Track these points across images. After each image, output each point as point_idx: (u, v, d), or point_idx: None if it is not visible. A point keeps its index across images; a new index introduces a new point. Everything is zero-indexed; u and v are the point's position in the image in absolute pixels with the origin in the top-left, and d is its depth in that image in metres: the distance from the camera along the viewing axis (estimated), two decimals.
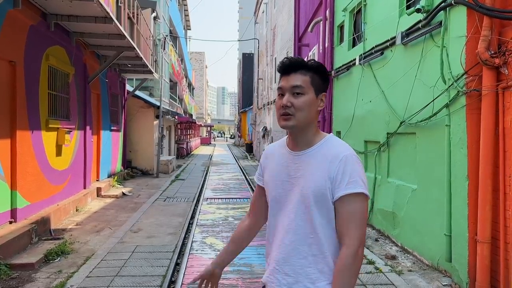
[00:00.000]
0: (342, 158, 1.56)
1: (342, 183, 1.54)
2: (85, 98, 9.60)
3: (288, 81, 1.61)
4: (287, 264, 1.63)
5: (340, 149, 1.60)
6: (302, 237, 1.61)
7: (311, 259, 1.59)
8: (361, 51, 7.44)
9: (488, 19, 4.07)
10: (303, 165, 1.63)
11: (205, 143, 52.48)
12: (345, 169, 1.54)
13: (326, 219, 1.59)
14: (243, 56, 51.88)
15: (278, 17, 20.62)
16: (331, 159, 1.57)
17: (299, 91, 1.60)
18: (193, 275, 4.87)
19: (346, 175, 1.54)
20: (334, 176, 1.55)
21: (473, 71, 4.29)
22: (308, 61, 1.65)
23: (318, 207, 1.58)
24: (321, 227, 1.58)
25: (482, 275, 4.08)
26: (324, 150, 1.62)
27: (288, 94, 1.61)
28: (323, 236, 1.59)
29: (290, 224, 1.64)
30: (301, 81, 1.60)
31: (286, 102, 1.59)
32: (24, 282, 4.67)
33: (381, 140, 6.71)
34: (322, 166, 1.58)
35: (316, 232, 1.59)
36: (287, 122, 1.61)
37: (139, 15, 11.07)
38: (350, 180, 1.53)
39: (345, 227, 1.54)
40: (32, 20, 6.72)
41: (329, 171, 1.56)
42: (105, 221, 7.72)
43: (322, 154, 1.61)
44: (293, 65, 1.62)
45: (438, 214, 4.92)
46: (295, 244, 1.62)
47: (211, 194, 11.13)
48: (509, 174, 3.89)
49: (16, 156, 6.11)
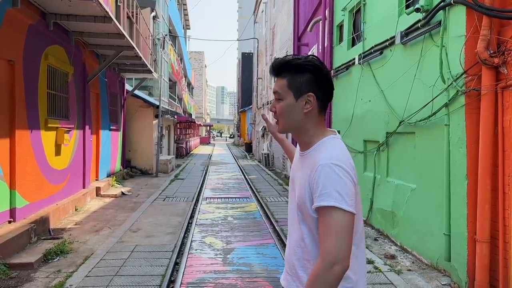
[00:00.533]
0: (318, 168, 1.44)
1: (316, 193, 1.43)
2: (84, 97, 9.59)
3: (275, 85, 1.61)
4: (289, 262, 1.65)
5: (322, 156, 1.47)
6: (297, 239, 1.59)
7: (303, 263, 1.57)
8: (361, 51, 7.44)
9: (487, 18, 4.07)
10: (301, 167, 1.61)
11: (205, 143, 52.49)
12: (319, 179, 1.42)
13: (308, 227, 1.52)
14: (242, 55, 51.85)
15: (277, 17, 20.61)
16: (312, 166, 1.48)
17: (277, 97, 1.58)
18: (193, 274, 4.88)
19: (319, 186, 1.42)
20: (311, 185, 1.46)
21: (472, 70, 4.29)
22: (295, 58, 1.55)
23: (301, 213, 1.55)
24: (308, 234, 1.54)
25: (481, 274, 4.09)
26: (314, 155, 1.54)
27: (274, 99, 1.62)
28: (309, 242, 1.53)
29: (290, 227, 1.67)
30: (278, 87, 1.57)
31: (271, 108, 1.62)
32: (23, 282, 4.66)
33: (381, 139, 6.71)
34: (307, 171, 1.51)
35: (303, 238, 1.55)
36: (278, 127, 1.64)
37: (138, 15, 11.06)
38: (322, 191, 1.40)
39: (320, 239, 1.42)
40: (31, 19, 6.71)
41: (310, 178, 1.47)
42: (104, 221, 7.72)
43: (311, 160, 1.53)
44: (275, 69, 1.59)
45: (437, 214, 4.92)
46: (293, 245, 1.62)
47: (210, 194, 11.12)
48: (508, 174, 3.89)
49: (15, 155, 6.10)
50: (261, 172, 16.84)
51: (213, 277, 4.80)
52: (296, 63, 1.54)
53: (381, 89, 6.61)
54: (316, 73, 1.54)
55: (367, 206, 7.22)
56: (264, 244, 6.20)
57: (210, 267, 5.16)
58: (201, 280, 4.71)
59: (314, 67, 1.53)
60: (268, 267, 5.16)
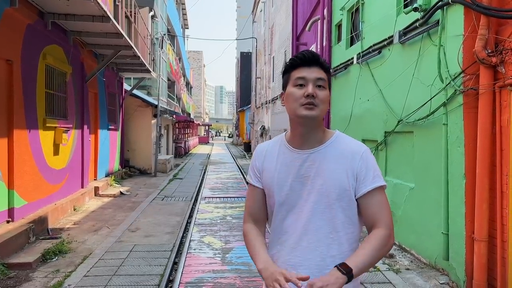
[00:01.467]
0: (363, 154, 1.59)
1: (367, 178, 1.56)
2: (82, 97, 9.58)
3: (312, 72, 1.58)
4: (304, 267, 1.56)
5: (357, 144, 1.63)
6: (322, 237, 1.56)
7: (329, 261, 1.54)
8: (359, 50, 7.44)
9: (485, 18, 4.07)
10: (318, 163, 1.59)
11: (203, 142, 52.46)
12: (368, 165, 1.58)
13: (348, 216, 1.58)
14: (241, 55, 51.83)
15: (276, 16, 20.61)
16: (352, 155, 1.58)
17: (322, 84, 1.58)
18: (191, 274, 4.88)
19: (370, 170, 1.57)
20: (358, 172, 1.57)
21: (470, 69, 4.30)
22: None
23: (341, 204, 1.57)
24: (343, 225, 1.57)
25: (479, 273, 4.10)
26: (340, 146, 1.62)
27: (311, 85, 1.57)
28: (344, 234, 1.57)
29: (307, 225, 1.58)
30: (324, 76, 1.60)
31: (313, 91, 1.55)
32: (22, 282, 4.66)
33: (379, 139, 6.71)
34: (342, 162, 1.58)
35: (337, 231, 1.57)
36: (311, 111, 1.55)
37: (137, 14, 11.04)
38: (375, 174, 1.58)
39: (379, 214, 1.55)
40: (29, 19, 6.70)
41: (352, 167, 1.57)
42: (102, 220, 7.71)
43: (339, 151, 1.60)
44: (315, 58, 1.61)
45: (435, 213, 4.93)
46: (314, 245, 1.57)
47: (209, 193, 11.12)
48: (506, 173, 3.90)
49: (14, 155, 6.09)
50: None
51: (211, 277, 4.81)
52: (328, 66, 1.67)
53: (379, 89, 6.62)
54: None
55: None
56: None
57: (208, 266, 5.17)
58: (199, 280, 4.71)
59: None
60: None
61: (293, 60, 1.63)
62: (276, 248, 1.67)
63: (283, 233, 1.64)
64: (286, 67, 1.65)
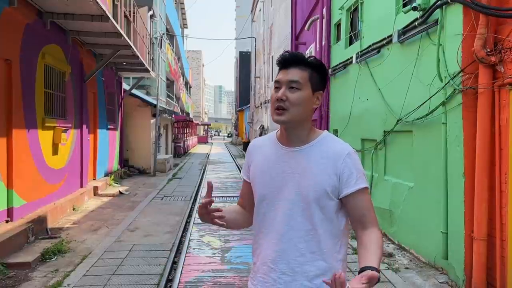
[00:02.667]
0: (347, 155, 1.59)
1: (350, 179, 1.57)
2: (81, 96, 9.57)
3: (286, 74, 1.58)
4: (283, 262, 1.59)
5: (342, 146, 1.62)
6: (302, 234, 1.58)
7: (309, 256, 1.58)
8: (358, 49, 7.44)
9: (484, 17, 4.07)
10: (300, 161, 1.60)
11: (202, 142, 52.42)
12: (351, 166, 1.58)
13: (326, 214, 1.59)
14: (240, 54, 51.86)
15: (275, 16, 20.61)
16: (335, 156, 1.58)
17: (295, 86, 1.57)
18: (191, 273, 4.88)
19: (354, 172, 1.58)
20: (341, 173, 1.57)
21: (469, 69, 4.30)
22: (309, 58, 1.63)
23: (320, 204, 1.57)
24: (321, 222, 1.58)
25: (478, 272, 4.10)
26: (323, 147, 1.61)
27: (284, 88, 1.57)
28: (323, 232, 1.58)
29: (286, 221, 1.60)
30: (299, 76, 1.57)
31: (281, 95, 1.56)
32: (21, 281, 4.66)
33: (378, 138, 6.72)
34: (324, 163, 1.58)
35: (315, 229, 1.58)
36: (280, 116, 1.57)
37: (136, 14, 11.03)
38: (358, 175, 1.58)
39: (365, 215, 1.58)
40: (28, 18, 6.69)
41: (335, 168, 1.57)
42: (102, 220, 7.71)
43: (322, 151, 1.61)
44: (293, 59, 1.60)
45: (434, 212, 4.93)
46: (293, 241, 1.59)
47: None
48: (505, 172, 3.90)
49: (12, 155, 6.08)
50: None
51: (211, 276, 4.81)
52: (319, 63, 1.65)
53: (378, 88, 6.62)
54: (327, 77, 1.70)
55: None
56: None
57: (208, 266, 5.17)
58: (199, 279, 4.71)
59: (327, 72, 1.71)
60: None
61: (277, 61, 1.64)
62: (258, 243, 1.71)
63: (264, 228, 1.67)
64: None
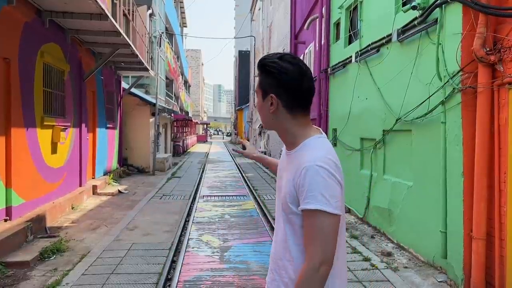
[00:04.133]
0: (303, 170, 1.42)
1: (301, 196, 1.43)
2: (80, 95, 9.55)
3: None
4: (273, 261, 1.64)
5: (307, 158, 1.45)
6: (281, 239, 1.59)
7: (285, 263, 1.56)
8: (357, 49, 7.44)
9: (484, 16, 4.07)
10: (287, 166, 1.60)
11: (202, 141, 52.41)
12: (304, 182, 1.41)
13: (293, 228, 1.52)
14: (239, 53, 51.84)
15: (274, 15, 20.59)
16: (297, 168, 1.46)
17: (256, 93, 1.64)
18: (189, 272, 4.88)
19: (305, 189, 1.41)
20: (297, 187, 1.45)
21: (469, 68, 4.30)
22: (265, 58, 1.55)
23: (286, 214, 1.53)
24: (292, 235, 1.53)
25: (477, 271, 4.10)
26: (298, 155, 1.52)
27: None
28: (293, 244, 1.52)
29: (277, 223, 1.65)
30: (256, 85, 1.62)
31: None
32: (19, 280, 4.65)
33: (377, 137, 6.72)
34: (292, 172, 1.50)
35: (287, 239, 1.55)
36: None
37: (135, 12, 11.01)
38: (308, 194, 1.40)
39: (305, 242, 1.44)
40: (26, 17, 6.67)
41: (295, 179, 1.46)
42: (101, 219, 7.70)
43: (296, 160, 1.51)
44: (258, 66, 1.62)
45: (433, 211, 4.94)
46: (277, 245, 1.62)
47: (207, 192, 11.11)
48: (504, 171, 3.90)
49: (11, 153, 6.07)
50: (258, 170, 16.83)
51: (210, 275, 4.80)
52: (263, 63, 1.53)
53: (377, 87, 6.62)
54: (278, 75, 1.50)
55: (363, 204, 7.24)
56: (261, 242, 6.20)
57: (207, 265, 5.16)
58: (198, 278, 4.71)
59: (277, 70, 1.50)
60: (265, 264, 5.16)
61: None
62: None
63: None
64: None
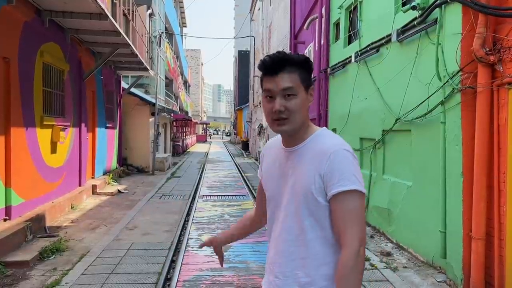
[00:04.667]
0: (331, 154, 1.44)
1: (333, 180, 1.42)
2: (80, 95, 9.55)
3: (277, 82, 1.47)
4: (277, 265, 1.57)
5: (330, 144, 1.48)
6: (293, 238, 1.53)
7: (300, 262, 1.51)
8: (357, 49, 7.44)
9: (483, 16, 4.08)
10: (295, 162, 1.55)
11: (201, 141, 52.40)
12: (334, 166, 1.42)
13: (317, 219, 1.49)
14: (239, 53, 51.79)
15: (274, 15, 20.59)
16: (321, 155, 1.46)
17: (291, 93, 1.47)
18: (189, 272, 4.88)
19: (336, 172, 1.42)
20: (324, 173, 1.44)
21: (468, 68, 4.30)
22: (296, 54, 1.53)
23: (307, 206, 1.48)
24: (310, 227, 1.49)
25: (477, 271, 4.10)
26: (313, 145, 1.52)
27: (279, 98, 1.47)
28: (314, 237, 1.49)
29: (283, 223, 1.56)
30: (292, 82, 1.47)
31: (280, 107, 1.46)
32: (19, 280, 4.65)
33: (377, 137, 6.72)
34: (311, 162, 1.48)
35: (305, 233, 1.50)
36: (282, 127, 1.49)
37: (135, 12, 11.01)
38: (341, 177, 1.41)
39: (342, 226, 1.42)
40: (26, 16, 6.67)
41: (319, 167, 1.45)
42: (100, 219, 7.70)
43: (312, 150, 1.51)
44: (278, 63, 1.47)
45: (433, 211, 4.94)
46: (286, 245, 1.54)
47: (207, 192, 11.11)
48: (504, 171, 3.91)
49: (11, 153, 6.07)
50: (258, 170, 16.85)
51: (209, 275, 4.80)
52: (304, 58, 1.52)
53: (377, 87, 6.62)
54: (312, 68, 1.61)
55: (364, 204, 7.23)
56: (260, 241, 6.20)
57: (206, 264, 5.16)
58: (197, 278, 4.71)
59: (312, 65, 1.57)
60: (264, 264, 5.15)
61: (259, 67, 1.51)
62: (268, 240, 1.71)
63: (271, 229, 1.67)
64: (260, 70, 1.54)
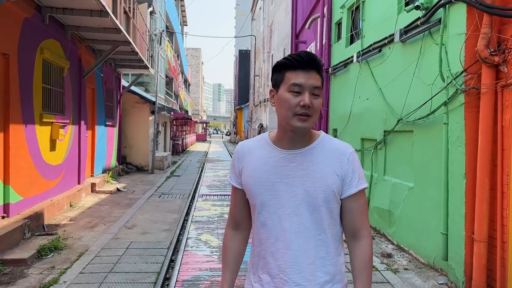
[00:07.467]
0: (350, 156, 1.56)
1: (353, 180, 1.55)
2: (80, 92, 9.50)
3: (310, 79, 1.47)
4: (295, 272, 1.52)
5: (344, 145, 1.60)
6: (311, 239, 1.52)
7: (318, 263, 1.53)
8: (359, 48, 7.40)
9: (488, 16, 4.04)
10: (305, 163, 1.53)
11: (201, 140, 52.37)
12: (354, 167, 1.56)
13: (333, 216, 1.57)
14: (239, 52, 51.79)
15: (275, 14, 20.56)
16: (339, 157, 1.55)
17: (317, 93, 1.49)
18: (188, 271, 4.84)
19: (356, 172, 1.56)
20: (345, 174, 1.54)
21: (472, 69, 4.26)
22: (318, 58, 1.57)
23: (328, 206, 1.53)
24: (329, 226, 1.55)
25: (479, 274, 4.07)
26: (328, 147, 1.57)
27: (308, 93, 1.46)
28: (331, 235, 1.56)
29: (295, 228, 1.52)
30: (320, 82, 1.51)
31: (309, 101, 1.45)
32: (16, 278, 4.61)
33: (378, 138, 6.68)
34: (329, 164, 1.54)
35: (325, 232, 1.54)
36: (305, 123, 1.47)
37: (135, 10, 10.96)
38: (360, 175, 1.57)
39: (360, 220, 1.58)
40: (26, 12, 6.62)
41: (339, 168, 1.54)
42: (99, 217, 7.66)
43: (327, 152, 1.56)
44: (313, 61, 1.49)
45: (434, 213, 4.90)
46: (304, 248, 1.52)
47: (206, 191, 11.07)
48: (507, 173, 3.87)
49: (9, 150, 6.03)
50: None
51: (208, 275, 4.76)
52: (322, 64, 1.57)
53: (379, 87, 6.58)
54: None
55: None
56: None
57: (205, 264, 5.12)
58: (196, 278, 4.67)
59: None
60: None
61: (289, 61, 1.49)
62: (260, 255, 1.61)
63: (267, 238, 1.57)
64: (279, 65, 1.53)
